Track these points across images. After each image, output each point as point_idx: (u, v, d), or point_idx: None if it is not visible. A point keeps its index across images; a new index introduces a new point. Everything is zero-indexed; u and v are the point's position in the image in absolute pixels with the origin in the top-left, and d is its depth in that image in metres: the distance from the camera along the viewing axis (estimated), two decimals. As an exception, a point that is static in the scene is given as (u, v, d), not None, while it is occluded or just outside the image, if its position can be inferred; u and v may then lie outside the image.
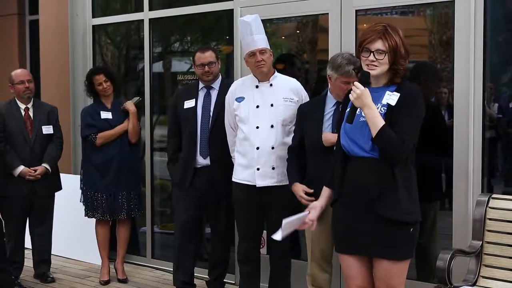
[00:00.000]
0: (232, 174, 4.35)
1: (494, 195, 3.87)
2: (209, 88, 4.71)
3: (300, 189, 3.91)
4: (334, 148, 3.44)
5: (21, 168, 5.15)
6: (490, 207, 3.82)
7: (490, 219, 3.80)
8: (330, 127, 3.87)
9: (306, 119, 3.99)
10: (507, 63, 4.32)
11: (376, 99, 3.07)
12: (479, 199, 3.89)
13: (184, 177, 4.70)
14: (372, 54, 3.06)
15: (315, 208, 3.34)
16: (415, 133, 3.11)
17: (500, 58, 4.30)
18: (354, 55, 3.39)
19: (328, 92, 3.98)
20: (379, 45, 3.06)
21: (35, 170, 5.19)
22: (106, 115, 5.32)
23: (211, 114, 4.64)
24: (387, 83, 3.15)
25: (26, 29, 8.68)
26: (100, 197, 5.30)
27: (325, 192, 3.37)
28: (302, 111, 4.07)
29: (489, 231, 3.80)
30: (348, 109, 3.20)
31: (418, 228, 3.19)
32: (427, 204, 4.37)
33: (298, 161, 4.02)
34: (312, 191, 3.81)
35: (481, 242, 3.80)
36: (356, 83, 3.06)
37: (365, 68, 3.12)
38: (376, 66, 3.07)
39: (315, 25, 5.07)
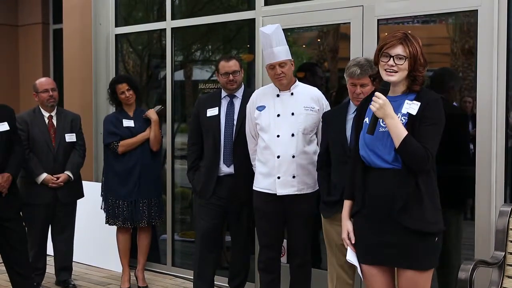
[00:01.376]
0: (253, 182, 4.36)
1: (517, 206, 3.84)
2: (232, 96, 4.73)
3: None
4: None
5: (44, 175, 5.20)
6: (513, 218, 3.78)
7: (513, 229, 3.76)
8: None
9: (330, 126, 3.99)
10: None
11: (396, 108, 3.05)
12: (502, 209, 3.85)
13: (207, 185, 4.70)
14: (391, 59, 3.04)
15: (349, 228, 3.28)
16: (438, 142, 3.08)
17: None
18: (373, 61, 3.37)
19: (350, 99, 3.99)
20: (399, 50, 3.04)
21: (58, 178, 5.24)
22: (128, 123, 5.36)
23: (234, 122, 4.65)
24: (405, 91, 3.13)
25: (50, 38, 8.78)
26: (121, 204, 5.33)
27: (347, 205, 3.34)
28: (326, 118, 4.08)
29: (512, 241, 3.76)
30: (366, 119, 3.18)
31: (442, 236, 3.16)
32: (450, 214, 4.36)
33: (328, 170, 3.99)
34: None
35: (504, 253, 3.75)
36: (377, 93, 3.03)
37: (383, 74, 3.09)
38: (395, 71, 3.05)
39: (336, 34, 5.08)
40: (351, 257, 3.26)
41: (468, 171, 4.21)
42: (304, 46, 5.46)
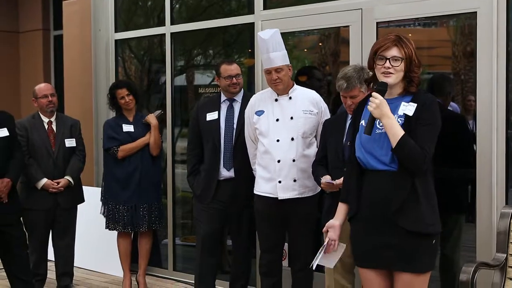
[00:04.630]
0: (254, 186, 4.35)
1: (518, 207, 3.83)
2: (231, 100, 4.73)
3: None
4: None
5: (44, 180, 5.20)
6: (515, 220, 3.76)
7: (514, 231, 3.75)
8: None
9: (329, 135, 4.00)
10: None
11: (392, 110, 3.04)
12: (503, 211, 3.83)
13: (207, 189, 4.69)
14: (388, 61, 3.05)
15: (334, 227, 3.29)
16: (434, 142, 3.07)
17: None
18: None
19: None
20: (394, 52, 3.05)
21: (58, 183, 5.24)
22: (128, 128, 5.36)
23: (234, 126, 4.65)
24: (401, 93, 3.13)
25: (50, 44, 8.81)
26: (122, 209, 5.32)
27: (341, 208, 3.32)
28: (325, 126, 4.08)
29: (513, 243, 3.75)
30: (362, 121, 3.18)
31: (439, 238, 3.15)
32: (452, 216, 4.36)
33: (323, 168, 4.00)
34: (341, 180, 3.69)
35: (505, 254, 3.73)
36: (374, 93, 3.04)
37: (380, 76, 3.09)
38: (391, 73, 3.06)
39: (336, 37, 5.08)
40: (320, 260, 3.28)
41: (469, 173, 4.20)
42: (305, 50, 5.46)
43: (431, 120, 3.05)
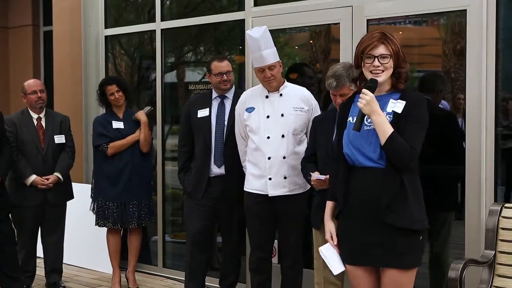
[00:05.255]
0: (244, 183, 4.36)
1: (506, 205, 3.84)
2: (222, 97, 4.72)
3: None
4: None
5: (33, 177, 5.18)
6: (503, 217, 3.78)
7: (503, 228, 3.76)
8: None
9: (318, 132, 3.99)
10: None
11: (381, 107, 3.04)
12: (492, 208, 3.86)
13: (198, 186, 4.69)
14: (376, 59, 3.06)
15: (332, 231, 3.30)
16: (422, 139, 3.08)
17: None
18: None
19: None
20: (382, 50, 3.06)
21: (47, 179, 5.22)
22: (117, 124, 5.34)
23: (225, 123, 4.64)
24: (390, 90, 3.14)
25: (40, 40, 8.77)
26: (111, 206, 5.30)
27: (329, 206, 3.35)
28: (315, 124, 4.08)
29: (502, 240, 3.76)
30: (350, 118, 3.18)
31: (426, 235, 3.16)
32: (441, 214, 4.38)
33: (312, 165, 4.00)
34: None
35: (494, 251, 3.76)
36: (365, 90, 3.03)
37: (368, 75, 3.09)
38: (381, 70, 3.07)
39: (327, 35, 5.08)
40: (332, 260, 3.26)
41: (458, 170, 4.22)
42: (295, 47, 5.46)
43: (420, 118, 3.07)
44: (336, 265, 3.26)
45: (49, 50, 7.63)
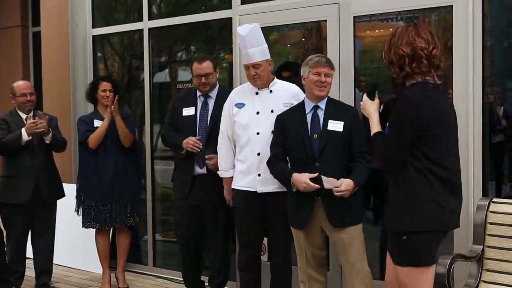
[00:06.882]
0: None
1: (494, 200, 3.86)
2: (206, 97, 4.71)
3: (304, 176, 3.74)
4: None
5: (23, 130, 5.03)
6: (491, 212, 3.80)
7: (491, 223, 3.78)
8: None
9: (288, 129, 3.95)
10: (508, 67, 4.32)
11: None
12: (480, 203, 3.87)
13: (184, 185, 4.70)
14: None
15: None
16: (399, 143, 3.08)
17: (503, 62, 4.30)
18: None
19: (305, 98, 4.00)
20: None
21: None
22: (98, 123, 5.28)
23: (208, 124, 4.64)
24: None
25: (29, 40, 8.73)
26: (98, 206, 5.28)
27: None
28: (281, 120, 4.02)
29: (490, 235, 3.78)
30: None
31: (418, 237, 3.09)
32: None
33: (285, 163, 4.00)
34: (316, 174, 3.69)
35: (482, 246, 3.78)
36: (364, 95, 3.29)
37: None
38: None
39: (318, 32, 5.07)
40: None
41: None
42: (288, 45, 5.44)
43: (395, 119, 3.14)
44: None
45: (38, 51, 7.57)
